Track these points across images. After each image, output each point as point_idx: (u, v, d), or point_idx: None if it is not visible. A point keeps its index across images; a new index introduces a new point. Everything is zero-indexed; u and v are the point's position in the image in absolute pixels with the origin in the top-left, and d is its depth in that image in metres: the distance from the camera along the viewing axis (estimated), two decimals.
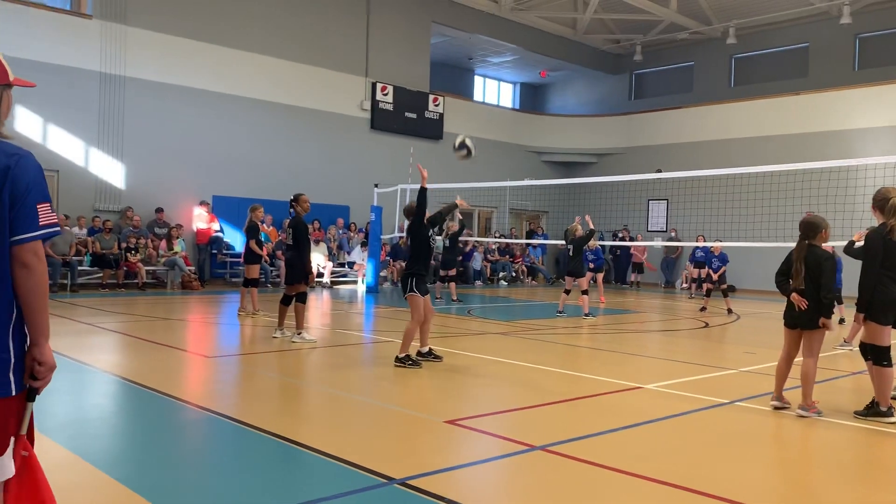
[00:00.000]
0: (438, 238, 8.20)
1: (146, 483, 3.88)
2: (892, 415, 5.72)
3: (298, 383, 6.99)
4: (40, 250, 2.26)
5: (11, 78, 2.34)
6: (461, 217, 16.44)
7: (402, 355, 7.51)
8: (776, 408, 5.98)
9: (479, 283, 22.24)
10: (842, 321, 12.65)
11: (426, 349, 7.87)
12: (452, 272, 15.72)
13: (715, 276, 15.48)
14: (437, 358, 7.86)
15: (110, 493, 3.74)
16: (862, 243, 6.42)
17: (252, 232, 11.89)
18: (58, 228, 2.36)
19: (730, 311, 14.95)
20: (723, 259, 15.49)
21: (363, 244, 19.51)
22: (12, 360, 2.22)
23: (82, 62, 16.43)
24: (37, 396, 2.35)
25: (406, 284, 7.70)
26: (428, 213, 7.93)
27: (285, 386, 6.82)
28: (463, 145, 8.93)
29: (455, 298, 15.56)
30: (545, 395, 6.43)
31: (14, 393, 2.23)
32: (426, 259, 7.90)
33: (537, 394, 6.48)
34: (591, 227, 13.61)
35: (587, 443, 4.91)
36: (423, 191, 7.84)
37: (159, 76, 17.60)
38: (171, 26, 17.74)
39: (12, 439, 2.25)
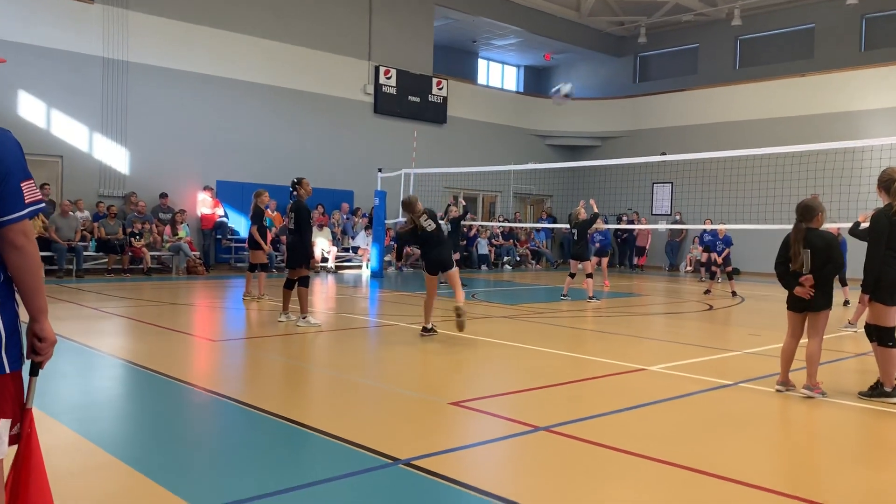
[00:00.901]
0: (426, 223, 8.50)
1: (153, 465, 3.91)
2: None
3: (304, 366, 7.02)
4: (29, 229, 2.28)
5: None
6: (465, 203, 16.42)
7: (430, 325, 8.26)
8: (805, 395, 5.88)
9: (483, 267, 22.26)
10: (846, 303, 12.63)
11: (429, 325, 8.49)
12: (455, 256, 15.72)
13: (720, 259, 15.47)
14: (434, 332, 8.53)
15: (118, 474, 3.77)
16: (867, 224, 6.40)
17: (256, 217, 11.88)
18: (43, 204, 2.38)
19: (734, 293, 14.96)
20: (727, 242, 15.49)
21: (367, 228, 19.54)
22: (3, 339, 2.23)
23: (85, 47, 16.39)
24: (40, 371, 2.39)
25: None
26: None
27: (291, 369, 6.85)
28: (563, 96, 10.69)
29: None
30: (549, 377, 6.45)
31: (8, 371, 2.24)
32: (421, 245, 8.76)
33: (541, 376, 6.50)
34: (595, 210, 13.58)
35: (591, 424, 4.93)
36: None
37: (162, 61, 17.56)
38: (174, 10, 17.67)
39: (4, 421, 2.25)
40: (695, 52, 26.75)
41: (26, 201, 2.25)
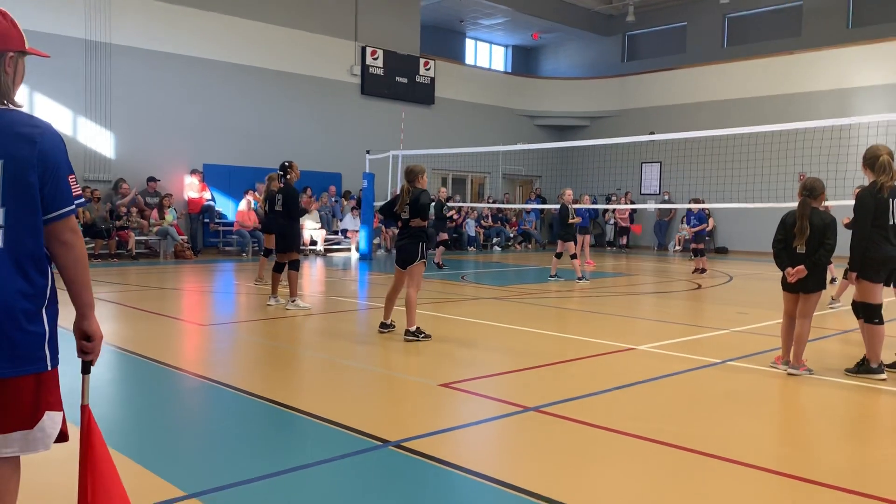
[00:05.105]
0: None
1: (143, 451, 3.89)
2: (882, 372, 5.78)
3: (293, 350, 7.01)
4: (76, 224, 2.26)
5: (27, 46, 2.28)
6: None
7: (414, 328, 7.17)
8: (791, 374, 5.88)
9: (472, 248, 22.26)
10: (833, 281, 12.72)
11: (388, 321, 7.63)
12: None
13: (690, 232, 15.43)
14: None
15: None
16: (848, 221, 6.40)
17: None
18: (83, 198, 2.37)
19: (702, 270, 14.96)
20: (700, 218, 15.53)
21: (353, 209, 19.53)
22: (47, 335, 2.23)
23: (66, 30, 16.15)
24: (91, 368, 2.43)
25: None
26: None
27: (280, 353, 6.84)
28: None
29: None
30: (538, 357, 6.47)
31: (49, 368, 2.25)
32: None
33: (531, 356, 6.52)
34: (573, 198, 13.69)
35: (580, 403, 4.95)
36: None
37: (146, 43, 17.33)
38: None
39: (53, 413, 2.27)
40: (683, 30, 26.67)
41: (74, 195, 2.24)
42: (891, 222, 5.75)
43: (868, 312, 5.82)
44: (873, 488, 3.52)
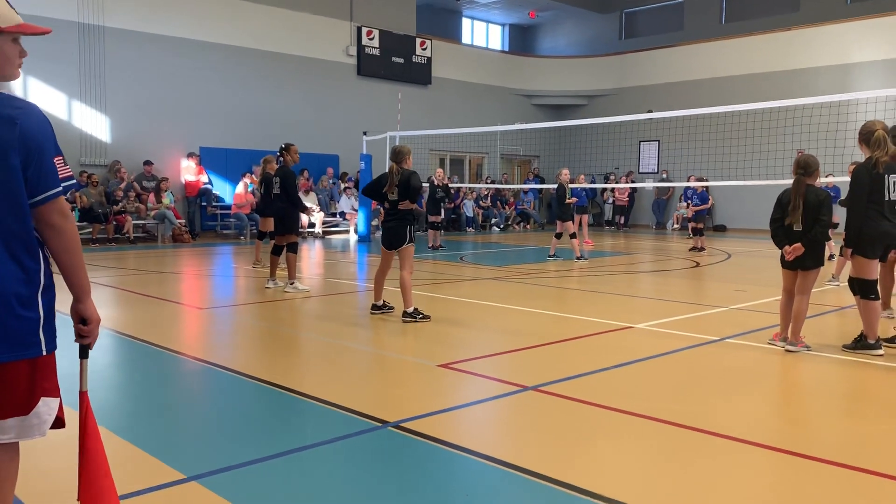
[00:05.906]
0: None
1: (143, 434, 3.91)
2: (879, 347, 5.80)
3: (292, 332, 7.02)
4: (65, 207, 2.21)
5: (4, 25, 2.18)
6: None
7: (412, 309, 7.18)
8: (789, 350, 5.89)
9: (471, 229, 22.24)
10: (831, 257, 12.73)
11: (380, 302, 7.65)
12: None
13: (689, 213, 15.49)
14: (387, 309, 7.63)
15: (107, 444, 3.74)
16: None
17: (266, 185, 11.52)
18: (75, 181, 2.31)
19: (699, 248, 15.02)
20: (703, 198, 15.55)
21: (346, 190, 19.50)
22: (42, 320, 2.21)
23: (59, 12, 15.99)
24: (89, 352, 2.41)
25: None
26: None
27: (279, 335, 6.84)
28: None
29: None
30: (537, 336, 6.48)
31: (44, 352, 2.23)
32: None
33: (529, 336, 6.53)
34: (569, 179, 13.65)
35: (579, 382, 4.97)
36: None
37: (140, 25, 17.19)
38: None
39: (49, 399, 2.27)
40: (680, 7, 26.43)
41: (60, 177, 2.19)
42: (886, 198, 5.75)
43: (864, 288, 5.83)
44: (871, 463, 3.54)
